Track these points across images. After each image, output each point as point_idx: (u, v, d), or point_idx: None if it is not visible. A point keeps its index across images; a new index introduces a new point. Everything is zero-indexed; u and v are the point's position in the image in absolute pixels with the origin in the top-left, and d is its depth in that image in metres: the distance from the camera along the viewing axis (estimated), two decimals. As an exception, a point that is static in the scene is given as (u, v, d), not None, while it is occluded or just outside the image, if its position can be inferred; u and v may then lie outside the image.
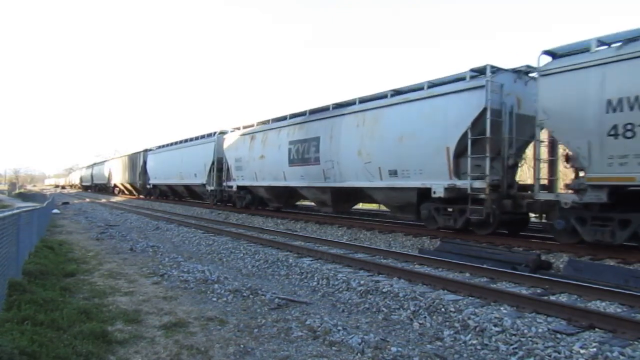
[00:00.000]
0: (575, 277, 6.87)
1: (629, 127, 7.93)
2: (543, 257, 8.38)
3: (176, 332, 4.97)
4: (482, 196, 10.21)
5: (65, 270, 8.10)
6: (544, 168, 10.03)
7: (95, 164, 60.24)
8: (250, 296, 6.55)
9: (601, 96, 8.24)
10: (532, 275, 7.14)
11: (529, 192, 10.69)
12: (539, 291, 6.40)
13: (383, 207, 17.44)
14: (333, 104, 15.39)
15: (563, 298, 6.07)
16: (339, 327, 5.02)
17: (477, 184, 10.33)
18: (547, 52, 9.34)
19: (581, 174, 8.82)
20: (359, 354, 4.36)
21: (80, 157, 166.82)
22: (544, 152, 10.11)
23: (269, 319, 5.47)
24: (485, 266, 7.84)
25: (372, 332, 4.97)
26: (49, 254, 9.56)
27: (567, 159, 9.07)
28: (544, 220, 10.42)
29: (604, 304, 5.72)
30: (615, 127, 8.09)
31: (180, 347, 4.52)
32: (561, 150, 9.99)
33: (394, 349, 4.40)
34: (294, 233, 13.34)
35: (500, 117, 10.40)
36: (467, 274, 7.63)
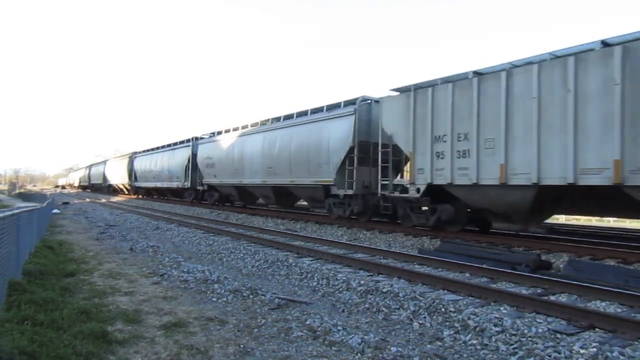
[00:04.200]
0: (575, 277, 6.87)
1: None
2: (543, 257, 8.39)
3: (176, 332, 4.97)
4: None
5: (65, 270, 8.10)
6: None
7: (93, 164, 61.22)
8: (250, 296, 6.55)
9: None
10: (532, 275, 7.14)
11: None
12: (539, 291, 6.40)
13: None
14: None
15: (563, 298, 6.07)
16: (339, 327, 5.02)
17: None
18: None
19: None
20: (359, 354, 4.36)
21: (80, 157, 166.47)
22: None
23: (269, 319, 5.47)
24: (485, 266, 7.84)
25: (372, 332, 4.97)
26: (49, 254, 9.56)
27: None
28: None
29: (604, 304, 5.72)
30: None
31: (180, 347, 4.52)
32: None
33: (393, 349, 4.40)
34: (294, 233, 13.34)
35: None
36: (467, 274, 7.63)
